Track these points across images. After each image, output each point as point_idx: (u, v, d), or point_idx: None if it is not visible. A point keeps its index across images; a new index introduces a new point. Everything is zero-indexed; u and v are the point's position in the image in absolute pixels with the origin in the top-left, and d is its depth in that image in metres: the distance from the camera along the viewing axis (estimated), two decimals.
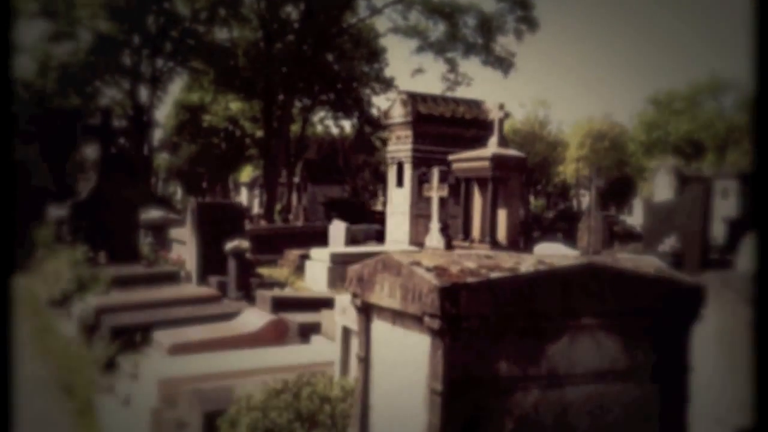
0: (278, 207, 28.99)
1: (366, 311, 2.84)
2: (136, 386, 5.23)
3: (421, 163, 14.12)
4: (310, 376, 3.95)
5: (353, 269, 2.89)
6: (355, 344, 3.45)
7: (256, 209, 32.70)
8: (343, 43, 29.00)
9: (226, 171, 41.90)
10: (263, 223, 24.17)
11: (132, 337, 6.39)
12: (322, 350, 5.65)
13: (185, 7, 25.41)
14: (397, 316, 2.59)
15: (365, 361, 2.84)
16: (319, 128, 39.18)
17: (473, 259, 2.55)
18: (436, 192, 12.53)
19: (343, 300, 4.53)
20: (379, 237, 16.45)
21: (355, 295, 2.88)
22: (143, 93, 26.95)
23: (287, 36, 27.15)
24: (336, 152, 37.10)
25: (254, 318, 6.31)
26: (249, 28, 27.24)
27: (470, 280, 2.26)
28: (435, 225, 12.60)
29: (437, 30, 26.84)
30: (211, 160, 41.35)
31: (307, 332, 6.65)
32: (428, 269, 2.35)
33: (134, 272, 9.55)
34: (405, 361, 2.53)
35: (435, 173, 12.52)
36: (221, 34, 27.42)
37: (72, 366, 6.31)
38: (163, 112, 38.16)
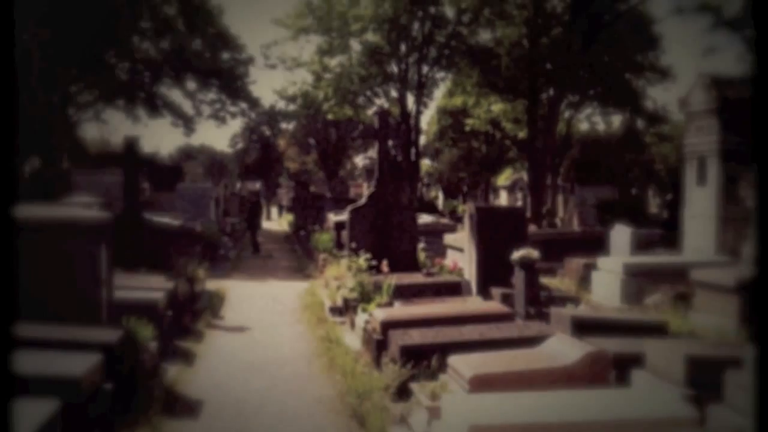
0: (543, 210, 27.57)
1: None
2: (438, 425, 4.44)
3: (731, 157, 11.88)
4: None
5: None
6: None
7: None
8: (617, 32, 26.69)
9: (487, 174, 41.44)
10: (532, 228, 22.97)
11: (423, 359, 5.67)
12: (662, 395, 4.38)
13: (451, 10, 25.27)
14: None
15: None
16: (584, 126, 36.90)
17: None
18: None
19: None
20: (664, 242, 14.53)
21: None
22: (409, 100, 27.42)
23: (553, 30, 25.71)
24: (603, 150, 34.65)
25: (565, 347, 5.20)
26: (512, 26, 26.30)
27: None
28: None
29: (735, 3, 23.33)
30: (472, 163, 41.29)
31: (623, 366, 5.40)
32: None
33: (415, 281, 9.03)
34: None
35: None
36: (485, 35, 26.85)
37: (361, 389, 5.76)
38: (425, 119, 38.87)
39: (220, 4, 28.28)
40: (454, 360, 5.19)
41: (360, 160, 56.30)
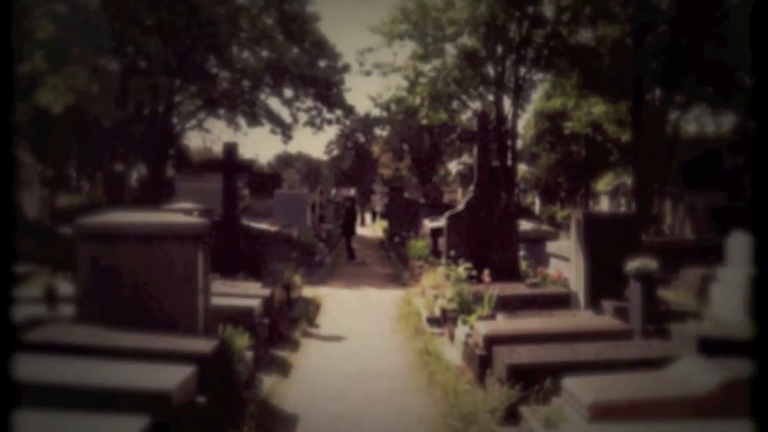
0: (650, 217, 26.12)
1: None
2: None
3: None
4: None
5: None
6: None
7: None
8: (728, 28, 24.99)
9: (586, 179, 39.94)
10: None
11: (533, 380, 5.20)
12: None
13: (549, 9, 24.44)
14: None
15: None
16: (693, 127, 34.86)
17: None
18: None
19: None
20: None
21: None
22: (505, 103, 26.74)
23: (659, 26, 24.36)
24: (713, 153, 32.59)
25: (698, 371, 4.60)
26: (615, 24, 25.14)
27: None
28: None
29: None
30: (571, 168, 39.89)
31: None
32: None
33: (519, 292, 8.51)
34: None
35: None
36: (585, 34, 25.80)
37: (465, 410, 5.34)
38: (521, 122, 37.84)
39: (316, 12, 28.58)
40: (570, 383, 4.69)
41: (453, 166, 55.74)
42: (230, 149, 9.92)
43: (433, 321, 9.34)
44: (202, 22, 24.03)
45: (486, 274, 8.87)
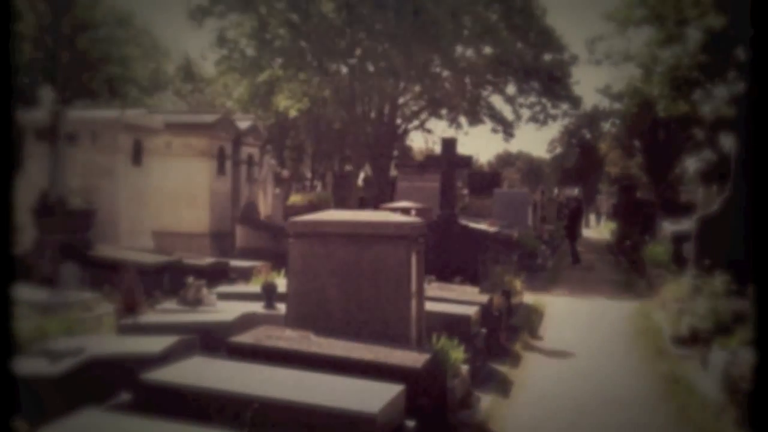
0: None
1: None
2: None
3: None
4: None
5: None
6: None
7: None
8: None
9: None
10: None
11: None
12: None
13: None
14: None
15: None
16: None
17: None
18: None
19: None
20: None
21: None
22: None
23: None
24: None
25: None
26: None
27: None
28: None
29: None
30: None
31: None
32: None
33: None
34: None
35: None
36: None
37: None
38: None
39: (543, 4, 27.32)
40: None
41: (691, 163, 50.68)
42: (448, 144, 9.39)
43: (678, 341, 7.99)
44: (425, 22, 24.07)
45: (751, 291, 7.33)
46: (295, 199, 15.20)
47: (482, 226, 11.62)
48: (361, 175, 33.17)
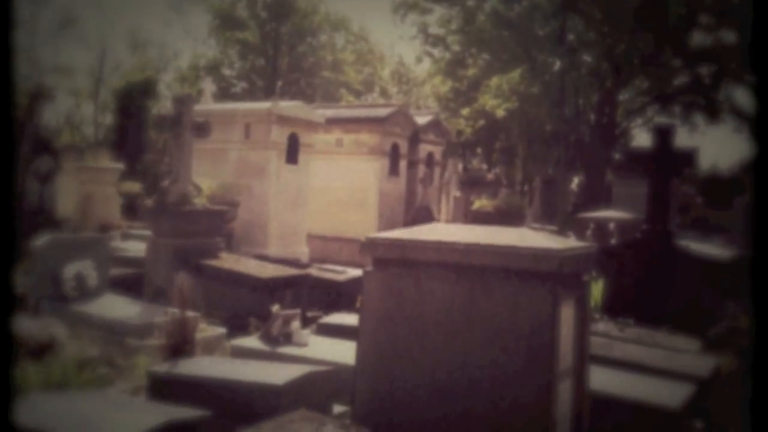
0: None
1: None
2: None
3: None
4: None
5: None
6: None
7: None
8: None
9: None
10: None
11: None
12: None
13: None
14: None
15: None
16: None
17: None
18: None
19: None
20: None
21: None
22: None
23: None
24: None
25: None
26: None
27: None
28: None
29: None
30: None
31: None
32: None
33: None
34: None
35: None
36: None
37: None
38: None
39: None
40: None
41: None
42: (663, 133, 6.70)
43: None
44: (654, 2, 20.69)
45: None
46: (481, 203, 13.10)
47: (713, 248, 8.58)
48: (575, 180, 30.16)
